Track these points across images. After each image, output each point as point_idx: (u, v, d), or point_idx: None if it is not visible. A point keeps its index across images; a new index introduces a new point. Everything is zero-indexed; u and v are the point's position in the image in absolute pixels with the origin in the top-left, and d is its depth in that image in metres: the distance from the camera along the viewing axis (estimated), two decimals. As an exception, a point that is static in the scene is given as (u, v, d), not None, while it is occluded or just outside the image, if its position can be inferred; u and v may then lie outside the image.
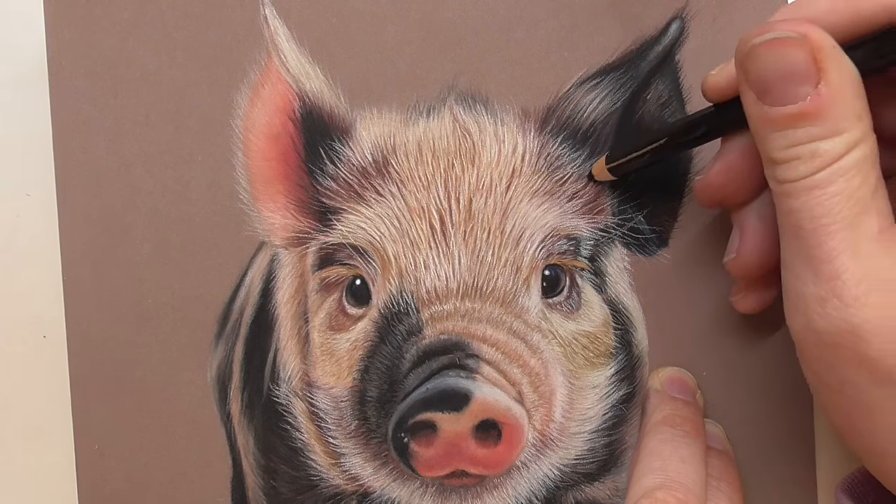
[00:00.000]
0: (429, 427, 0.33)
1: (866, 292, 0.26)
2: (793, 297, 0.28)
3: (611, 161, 0.34)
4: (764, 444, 0.36)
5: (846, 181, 0.26)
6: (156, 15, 0.37)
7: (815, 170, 0.26)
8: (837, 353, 0.27)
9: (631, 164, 0.34)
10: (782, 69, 0.26)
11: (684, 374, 0.36)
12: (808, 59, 0.26)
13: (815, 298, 0.26)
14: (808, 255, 0.27)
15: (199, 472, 0.37)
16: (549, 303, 0.36)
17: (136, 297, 0.37)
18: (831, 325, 0.26)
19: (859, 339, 0.26)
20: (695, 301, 0.36)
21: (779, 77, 0.26)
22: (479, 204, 0.35)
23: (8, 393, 0.38)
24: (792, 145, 0.26)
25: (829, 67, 0.26)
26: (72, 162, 0.37)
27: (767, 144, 0.27)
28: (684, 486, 0.31)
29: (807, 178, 0.26)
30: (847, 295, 0.26)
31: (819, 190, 0.26)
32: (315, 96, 0.36)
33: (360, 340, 0.36)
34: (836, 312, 0.26)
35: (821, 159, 0.26)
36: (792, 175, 0.27)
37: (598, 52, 0.36)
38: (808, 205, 0.26)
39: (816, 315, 0.27)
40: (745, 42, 0.27)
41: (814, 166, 0.26)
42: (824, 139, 0.26)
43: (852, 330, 0.26)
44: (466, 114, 0.36)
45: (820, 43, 0.26)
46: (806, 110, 0.26)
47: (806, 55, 0.26)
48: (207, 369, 0.37)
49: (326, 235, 0.36)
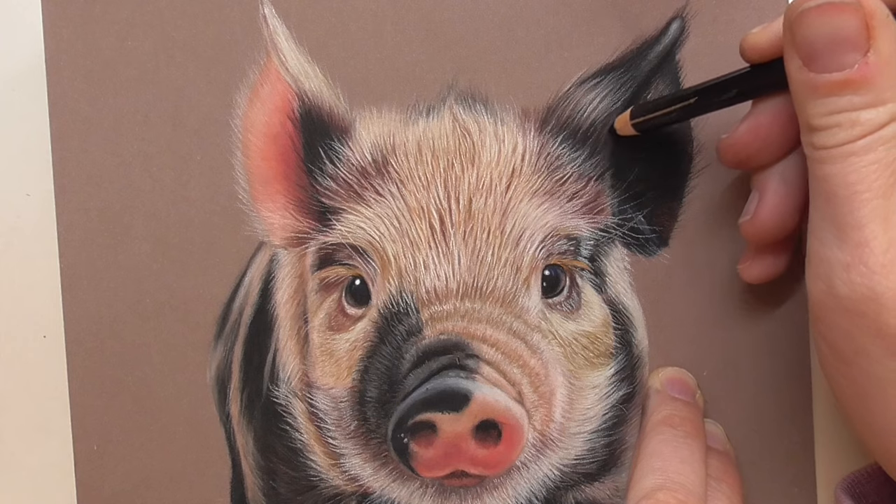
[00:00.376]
0: (429, 427, 0.33)
1: (893, 261, 0.26)
2: (815, 263, 0.28)
3: (636, 116, 0.34)
4: (764, 444, 0.36)
5: (885, 150, 0.26)
6: (154, 14, 0.37)
7: (854, 137, 0.26)
8: (856, 320, 0.27)
9: (656, 120, 0.33)
10: (833, 35, 0.26)
11: (684, 375, 0.36)
12: (861, 26, 0.25)
13: (841, 264, 0.26)
14: (838, 221, 0.26)
15: (199, 473, 0.37)
16: (549, 303, 0.36)
17: (135, 297, 0.37)
18: (854, 291, 0.26)
19: (881, 308, 0.26)
20: (695, 301, 0.36)
21: (828, 43, 0.26)
22: (478, 204, 0.35)
23: (7, 393, 0.38)
24: (832, 112, 0.26)
25: (881, 36, 0.25)
26: (70, 162, 0.37)
27: (808, 111, 0.27)
28: (685, 487, 0.31)
29: (845, 146, 0.26)
30: (874, 262, 0.26)
31: (856, 157, 0.26)
32: (314, 96, 0.36)
33: (359, 341, 0.36)
34: (861, 279, 0.26)
35: (861, 128, 0.26)
36: (830, 142, 0.26)
37: (598, 51, 0.36)
38: (843, 171, 0.26)
39: (840, 281, 0.26)
40: (796, 6, 0.27)
41: (853, 134, 0.26)
42: (867, 108, 0.26)
43: (875, 298, 0.26)
44: (466, 113, 0.36)
45: (873, 10, 0.25)
46: (852, 78, 0.26)
47: (858, 22, 0.25)
48: (207, 369, 0.37)
49: (326, 235, 0.36)
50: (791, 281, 0.36)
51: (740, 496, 0.34)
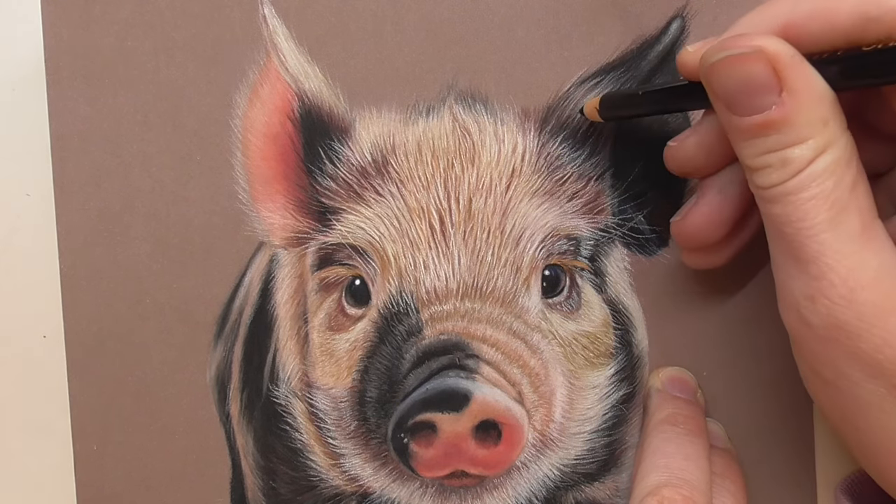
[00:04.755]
0: (428, 427, 0.33)
1: (852, 290, 0.26)
2: (784, 294, 0.28)
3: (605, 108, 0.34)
4: (764, 444, 0.36)
5: (819, 185, 0.26)
6: (154, 14, 0.37)
7: (787, 177, 0.27)
8: (831, 347, 0.27)
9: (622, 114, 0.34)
10: (744, 83, 0.27)
11: (685, 374, 0.36)
12: (768, 71, 0.26)
13: (805, 296, 0.27)
14: (793, 255, 0.27)
15: (199, 473, 0.37)
16: (549, 303, 0.36)
17: (134, 297, 0.37)
18: (822, 321, 0.27)
19: (850, 335, 0.26)
20: (695, 301, 0.36)
21: (742, 90, 0.27)
22: (478, 204, 0.35)
23: (7, 393, 0.38)
24: (763, 153, 0.27)
25: (790, 76, 0.26)
26: (70, 162, 0.37)
27: (741, 151, 0.28)
28: (689, 484, 0.31)
29: (781, 185, 0.27)
30: (834, 294, 0.26)
31: (794, 196, 0.26)
32: (314, 96, 0.36)
33: (359, 341, 0.36)
34: (826, 310, 0.27)
35: (791, 166, 0.26)
36: (767, 182, 0.27)
37: (598, 51, 0.36)
38: (786, 210, 0.27)
39: (807, 312, 0.27)
40: (705, 59, 0.28)
41: (786, 173, 0.27)
42: (792, 146, 0.26)
43: (842, 326, 0.26)
44: (466, 113, 0.36)
45: (777, 54, 0.26)
46: (772, 119, 0.26)
47: (764, 67, 0.26)
48: (206, 370, 0.37)
49: (326, 235, 0.36)
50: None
51: (744, 493, 0.34)
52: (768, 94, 0.26)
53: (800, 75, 0.26)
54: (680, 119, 0.36)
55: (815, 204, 0.26)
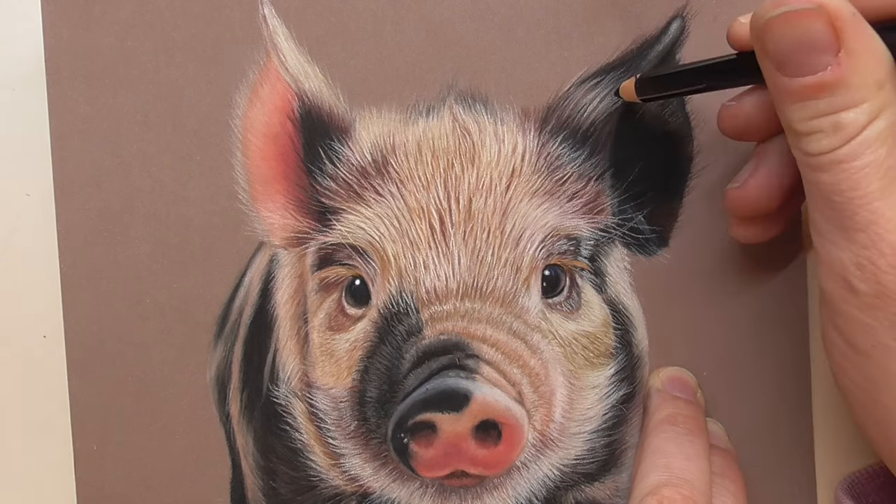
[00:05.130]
0: (428, 427, 0.33)
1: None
2: (828, 262, 0.27)
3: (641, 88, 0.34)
4: (764, 444, 0.36)
5: (872, 153, 0.25)
6: (154, 14, 0.37)
7: (840, 143, 0.26)
8: (873, 315, 0.26)
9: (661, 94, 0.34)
10: (800, 41, 0.25)
11: (685, 374, 0.36)
12: (827, 29, 0.25)
13: (853, 263, 0.26)
14: (841, 224, 0.26)
15: (199, 473, 0.37)
16: (549, 303, 0.36)
17: (134, 297, 0.37)
18: (870, 288, 0.26)
19: None
20: (695, 301, 0.36)
21: (797, 49, 0.26)
22: (478, 204, 0.35)
23: (7, 392, 0.38)
24: (813, 117, 0.26)
25: (849, 34, 0.25)
26: (70, 162, 0.37)
27: (789, 116, 0.27)
28: (690, 484, 0.31)
29: (832, 152, 0.26)
30: (884, 263, 0.26)
31: (846, 164, 0.26)
32: (314, 96, 0.36)
33: (359, 341, 0.36)
34: (874, 278, 0.26)
35: (845, 132, 0.25)
36: (817, 148, 0.26)
37: (598, 51, 0.36)
38: (836, 178, 0.26)
39: (856, 279, 0.26)
40: (760, 16, 0.26)
41: (838, 139, 0.26)
42: (846, 110, 0.25)
43: (890, 294, 0.26)
44: (466, 113, 0.36)
45: (837, 11, 0.25)
46: (826, 80, 0.25)
47: (824, 25, 0.25)
48: (206, 369, 0.37)
49: (326, 235, 0.36)
50: (791, 281, 0.36)
51: (744, 493, 0.34)
52: (824, 54, 0.25)
53: (860, 35, 0.25)
54: (680, 119, 0.36)
55: (868, 173, 0.25)
